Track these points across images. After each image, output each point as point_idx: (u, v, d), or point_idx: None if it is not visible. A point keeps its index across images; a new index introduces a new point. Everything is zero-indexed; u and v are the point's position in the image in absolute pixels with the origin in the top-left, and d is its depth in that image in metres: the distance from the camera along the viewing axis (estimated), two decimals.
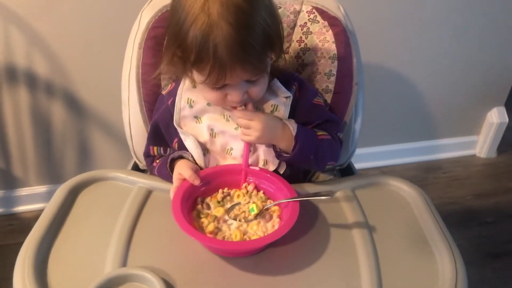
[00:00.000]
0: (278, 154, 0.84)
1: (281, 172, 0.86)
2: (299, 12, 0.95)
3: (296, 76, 0.91)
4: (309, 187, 0.86)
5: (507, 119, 2.06)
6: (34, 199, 1.73)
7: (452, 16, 1.72)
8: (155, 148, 0.93)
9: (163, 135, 0.91)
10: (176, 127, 0.86)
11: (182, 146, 0.87)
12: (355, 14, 1.55)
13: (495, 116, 2.06)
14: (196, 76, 0.78)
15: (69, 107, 1.56)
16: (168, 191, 0.83)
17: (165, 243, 0.76)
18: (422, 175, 2.03)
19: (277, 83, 0.86)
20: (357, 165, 1.94)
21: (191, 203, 0.80)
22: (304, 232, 0.78)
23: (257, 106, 0.85)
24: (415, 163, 2.08)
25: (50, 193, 1.69)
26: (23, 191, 1.71)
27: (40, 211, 1.76)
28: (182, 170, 0.80)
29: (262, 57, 0.75)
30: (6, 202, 1.71)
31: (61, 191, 0.83)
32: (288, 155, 0.82)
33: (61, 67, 1.47)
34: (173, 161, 0.86)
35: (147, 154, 0.94)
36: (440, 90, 1.92)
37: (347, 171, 1.05)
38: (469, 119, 2.08)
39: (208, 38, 0.70)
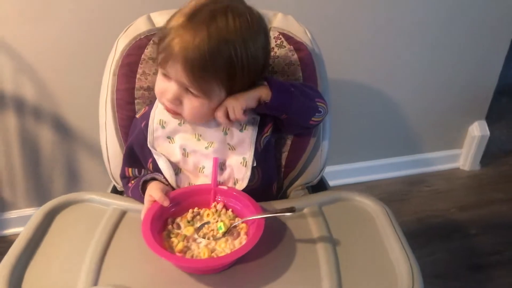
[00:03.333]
0: (266, 106, 0.86)
1: (252, 183, 0.90)
2: None
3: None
4: (277, 204, 0.90)
5: (488, 132, 2.09)
6: (23, 221, 1.67)
7: (432, 32, 1.76)
8: (130, 169, 0.96)
9: (137, 157, 0.94)
10: (150, 148, 0.90)
11: (156, 166, 0.91)
12: (330, 34, 1.60)
13: (477, 130, 2.08)
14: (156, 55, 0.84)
15: (57, 130, 1.58)
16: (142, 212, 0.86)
17: (137, 262, 0.79)
18: (406, 189, 2.05)
19: None
20: (342, 181, 2.01)
21: (162, 224, 0.83)
22: (271, 248, 0.80)
23: (228, 126, 0.89)
24: (399, 177, 2.10)
25: None
26: (12, 214, 1.71)
27: None
28: (152, 191, 0.84)
29: (210, 77, 0.80)
30: None
31: (38, 214, 0.87)
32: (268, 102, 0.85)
33: (48, 92, 1.50)
34: (146, 183, 0.89)
35: (123, 176, 0.98)
36: (423, 105, 1.95)
37: (320, 188, 1.08)
38: (452, 133, 2.11)
39: (178, 30, 0.78)
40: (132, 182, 0.95)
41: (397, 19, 1.69)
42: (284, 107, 0.86)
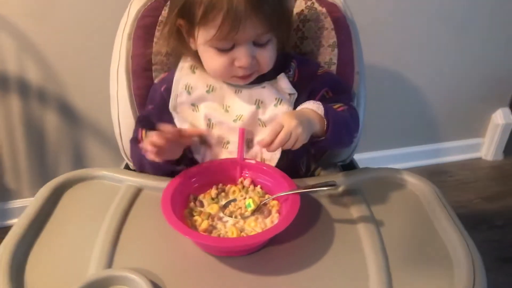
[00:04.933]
0: (313, 142, 0.76)
1: (280, 164, 0.81)
2: None
3: (294, 54, 0.88)
4: (311, 181, 0.81)
5: None
6: None
7: (454, 16, 1.69)
8: (143, 131, 0.85)
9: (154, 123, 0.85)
10: (172, 112, 0.81)
11: None
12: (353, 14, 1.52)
13: (500, 118, 2.01)
14: (204, 34, 0.74)
15: (63, 114, 1.52)
16: (159, 189, 0.76)
17: (155, 243, 0.70)
18: (427, 179, 1.98)
19: (283, 78, 0.82)
20: None
21: (183, 201, 0.75)
22: (306, 228, 0.72)
23: (261, 99, 0.81)
24: (419, 167, 2.03)
25: None
26: (16, 203, 1.65)
27: None
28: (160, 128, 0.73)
29: (275, 9, 0.73)
30: None
31: (44, 190, 0.78)
32: (322, 138, 0.76)
33: (53, 74, 1.44)
34: None
35: (134, 139, 0.87)
36: (443, 91, 1.88)
37: (350, 168, 0.99)
38: (474, 121, 2.04)
39: None
40: None
41: (420, 2, 1.62)
42: (326, 147, 0.81)
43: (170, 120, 0.82)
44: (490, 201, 1.87)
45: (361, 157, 1.89)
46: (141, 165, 0.83)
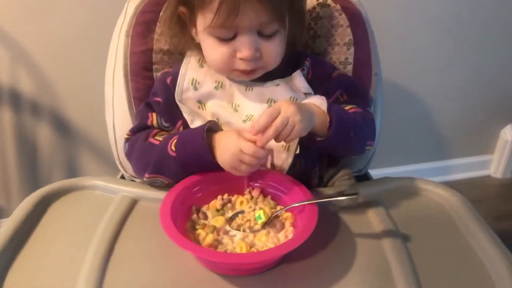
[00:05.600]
0: (313, 140, 0.69)
1: (292, 172, 0.73)
2: None
3: (308, 52, 0.82)
4: (328, 190, 0.74)
5: None
6: None
7: (463, 33, 1.67)
8: (154, 115, 0.77)
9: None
10: (178, 103, 0.75)
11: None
12: None
13: (509, 134, 1.96)
14: (202, 20, 0.68)
15: (57, 128, 1.47)
16: (157, 200, 0.68)
17: (152, 260, 0.63)
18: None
19: (299, 76, 0.75)
20: None
21: (184, 213, 0.67)
22: (324, 243, 0.64)
23: (274, 98, 0.74)
24: None
25: None
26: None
27: None
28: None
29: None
30: None
31: (28, 201, 0.71)
32: (322, 138, 0.68)
33: (47, 85, 1.39)
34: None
35: (140, 127, 0.77)
36: (451, 108, 1.84)
37: (365, 180, 0.92)
38: (482, 138, 1.99)
39: None
40: (157, 137, 0.74)
41: (428, 19, 1.60)
42: (329, 148, 0.73)
43: (179, 113, 0.76)
44: (501, 220, 1.80)
45: (371, 174, 1.87)
46: (158, 165, 0.72)
